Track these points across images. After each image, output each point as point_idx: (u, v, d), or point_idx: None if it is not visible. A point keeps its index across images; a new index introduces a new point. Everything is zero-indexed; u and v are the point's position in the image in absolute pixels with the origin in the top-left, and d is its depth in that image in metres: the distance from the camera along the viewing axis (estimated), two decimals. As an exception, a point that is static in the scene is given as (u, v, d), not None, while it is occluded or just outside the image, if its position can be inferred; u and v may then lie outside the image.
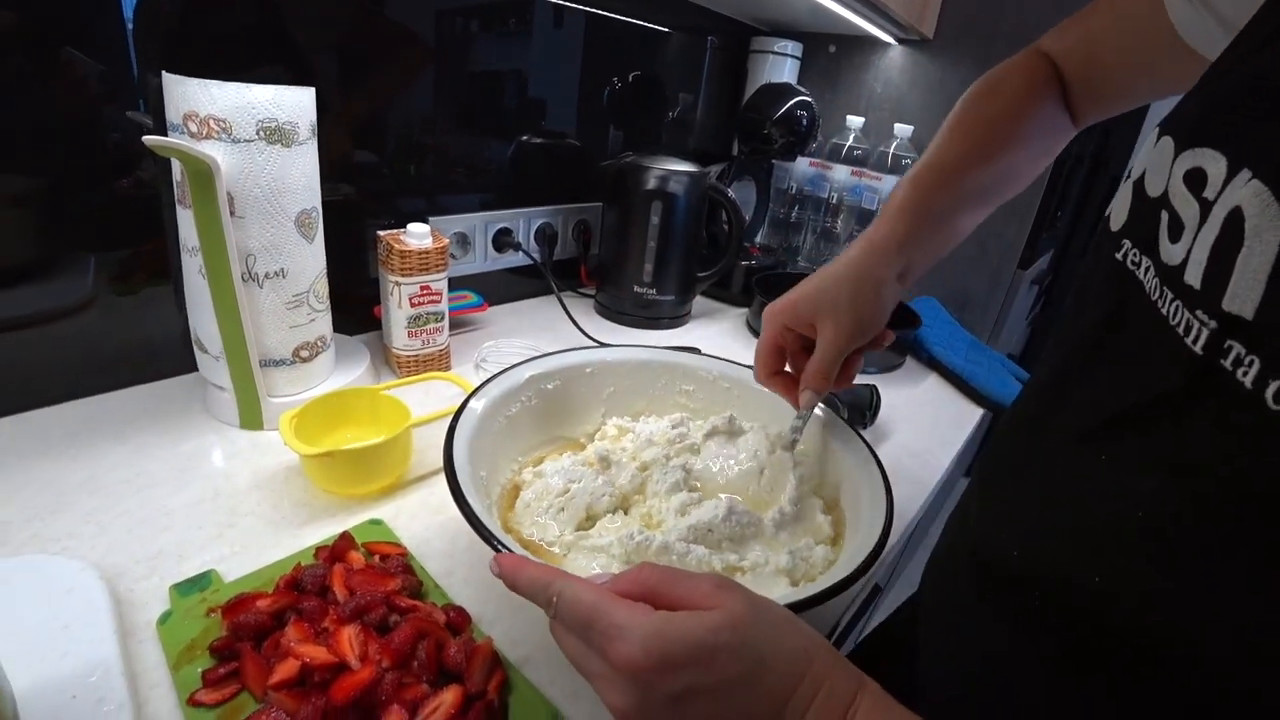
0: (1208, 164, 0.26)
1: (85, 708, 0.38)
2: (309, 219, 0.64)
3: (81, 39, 0.60)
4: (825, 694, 0.30)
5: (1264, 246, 0.22)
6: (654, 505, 0.54)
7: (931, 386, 0.99)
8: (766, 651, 0.30)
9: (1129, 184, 0.32)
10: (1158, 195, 0.29)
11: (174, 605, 0.46)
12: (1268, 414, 0.21)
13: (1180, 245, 0.26)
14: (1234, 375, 0.23)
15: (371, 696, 0.38)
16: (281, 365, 0.66)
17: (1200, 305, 0.24)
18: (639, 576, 0.33)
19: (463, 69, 0.90)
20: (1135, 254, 0.30)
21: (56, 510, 0.54)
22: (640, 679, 0.30)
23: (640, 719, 0.31)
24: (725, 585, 0.33)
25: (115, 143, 0.64)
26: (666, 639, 0.29)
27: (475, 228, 0.96)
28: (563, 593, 0.33)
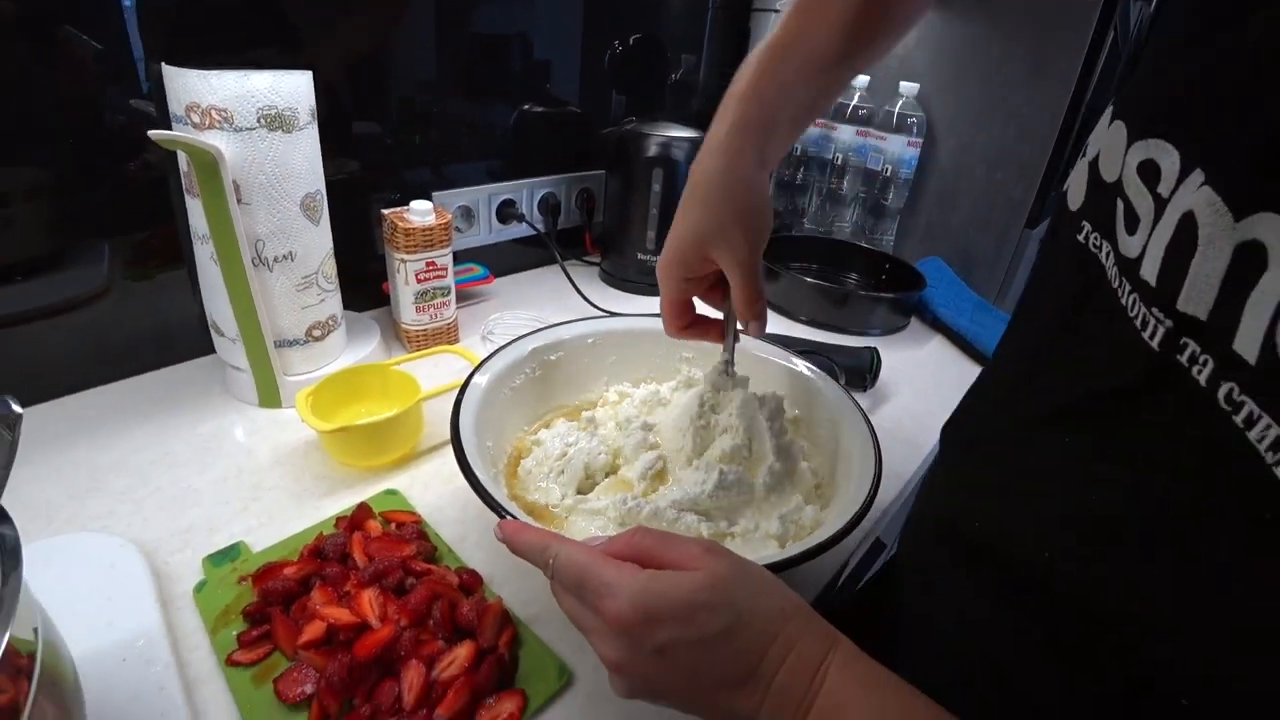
0: (1160, 157, 0.26)
1: (136, 669, 0.42)
2: (313, 202, 0.65)
3: (79, 18, 0.60)
4: (798, 652, 0.33)
5: (1216, 253, 0.22)
6: (625, 471, 0.56)
7: (935, 348, 1.00)
8: (744, 610, 0.33)
9: (1084, 163, 0.32)
10: (1112, 181, 0.29)
11: (207, 575, 0.50)
12: (1219, 414, 0.22)
13: (1137, 239, 0.27)
14: (1189, 372, 0.23)
15: (392, 652, 0.41)
16: (295, 345, 0.68)
17: (1156, 303, 0.25)
18: (632, 540, 0.36)
19: (464, 30, 0.89)
20: (1095, 237, 0.30)
21: (92, 490, 0.58)
22: (628, 632, 0.32)
23: (629, 669, 0.34)
24: (712, 549, 0.35)
25: (120, 125, 0.66)
26: (651, 595, 0.32)
27: (479, 200, 0.97)
28: (558, 555, 0.36)
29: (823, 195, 1.32)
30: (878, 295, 1.04)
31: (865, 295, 1.04)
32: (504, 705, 0.41)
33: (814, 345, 0.82)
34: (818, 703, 0.32)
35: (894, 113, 1.20)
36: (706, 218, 0.48)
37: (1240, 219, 0.22)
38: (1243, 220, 0.22)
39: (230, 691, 0.42)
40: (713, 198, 0.48)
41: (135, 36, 0.63)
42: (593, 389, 0.68)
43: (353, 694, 0.41)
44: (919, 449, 0.75)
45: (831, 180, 1.29)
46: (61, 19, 0.59)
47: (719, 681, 0.33)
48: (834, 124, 1.26)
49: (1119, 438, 0.27)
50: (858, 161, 1.24)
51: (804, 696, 0.32)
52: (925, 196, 1.27)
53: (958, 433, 0.43)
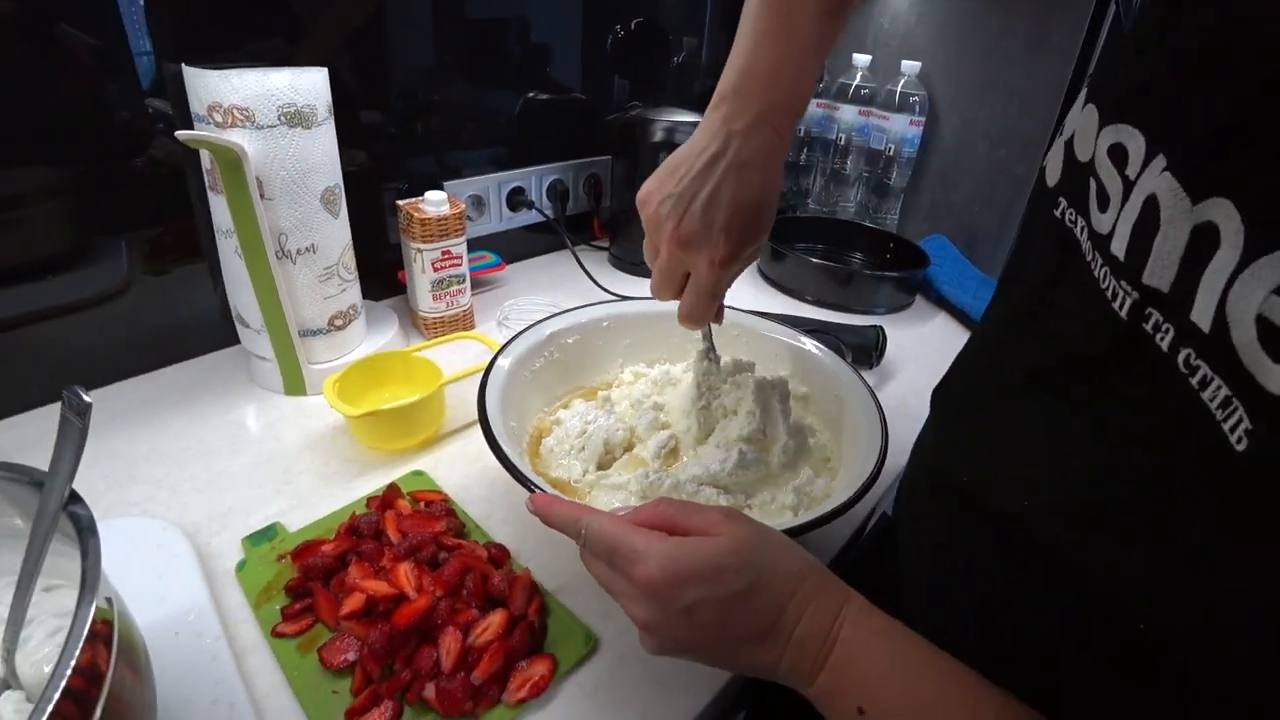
0: (1128, 141, 0.28)
1: (188, 641, 0.45)
2: (333, 195, 0.67)
3: (75, 16, 0.61)
4: (815, 607, 0.36)
5: (1176, 233, 0.25)
6: (639, 450, 0.58)
7: (940, 325, 1.01)
8: (764, 570, 0.36)
9: (1061, 142, 0.34)
10: (1086, 161, 0.31)
11: (247, 554, 0.52)
12: (1179, 376, 0.24)
13: (1107, 216, 0.29)
14: (1154, 339, 0.26)
15: (429, 621, 0.44)
16: (319, 334, 0.71)
17: (1124, 276, 0.27)
18: (656, 510, 0.38)
19: (463, 18, 0.90)
20: (1071, 212, 0.32)
21: (131, 477, 0.60)
22: (657, 594, 0.35)
23: (659, 628, 0.36)
24: (732, 515, 0.38)
25: (126, 123, 0.67)
26: (679, 560, 0.35)
27: (489, 189, 0.99)
28: (589, 525, 0.38)
29: (826, 176, 1.33)
30: (882, 274, 1.05)
31: (870, 274, 1.06)
32: (536, 668, 0.44)
33: (820, 324, 0.84)
34: (834, 652, 0.35)
35: (896, 92, 1.21)
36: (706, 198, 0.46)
37: (1197, 202, 0.24)
38: (1199, 204, 0.24)
39: (276, 660, 0.45)
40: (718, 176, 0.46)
41: (133, 32, 0.64)
42: (608, 370, 0.70)
43: (393, 660, 0.43)
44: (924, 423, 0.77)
45: (835, 160, 1.30)
46: (58, 17, 0.61)
47: (742, 637, 0.35)
48: (836, 104, 1.27)
49: (1092, 400, 0.29)
50: (860, 141, 1.25)
51: (821, 647, 0.35)
52: (928, 175, 1.28)
53: (945, 395, 0.45)
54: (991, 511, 0.35)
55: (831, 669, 0.35)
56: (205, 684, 0.43)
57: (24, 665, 0.35)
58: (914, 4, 1.27)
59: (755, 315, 0.71)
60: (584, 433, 0.58)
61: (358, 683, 0.43)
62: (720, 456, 0.54)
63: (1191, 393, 0.24)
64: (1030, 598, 0.33)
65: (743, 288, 1.07)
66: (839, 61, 1.30)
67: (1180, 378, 0.24)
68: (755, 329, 0.70)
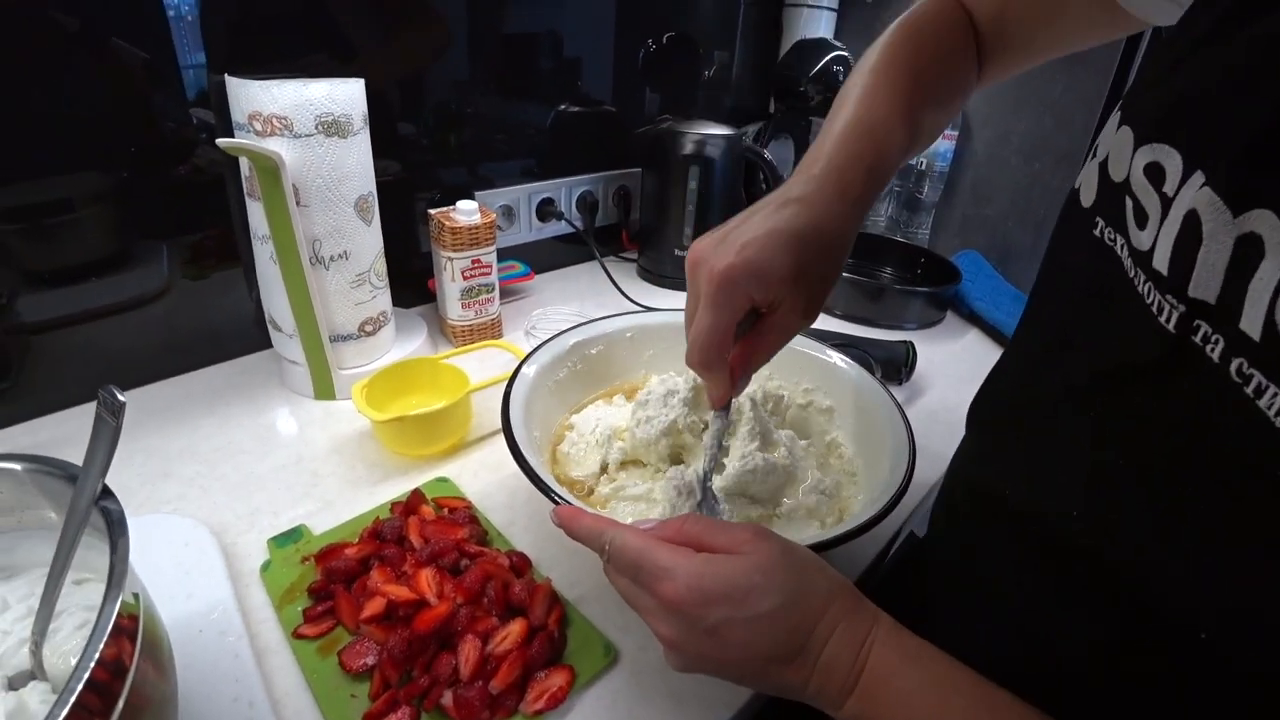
0: (1165, 160, 0.28)
1: (211, 639, 0.45)
2: (366, 203, 0.68)
3: (126, 30, 0.64)
4: (844, 628, 0.35)
5: (1219, 246, 0.25)
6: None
7: (972, 342, 1.00)
8: (793, 591, 0.35)
9: (1094, 164, 0.34)
10: (1120, 181, 0.31)
11: (272, 555, 0.53)
12: (1231, 385, 0.24)
13: (1147, 233, 0.29)
14: (1204, 350, 0.25)
15: (449, 627, 0.44)
16: (349, 340, 0.72)
17: (1169, 290, 0.27)
18: (683, 527, 0.38)
19: (497, 31, 0.92)
20: (1110, 231, 0.32)
21: (164, 475, 0.61)
22: (683, 612, 0.34)
23: (684, 647, 0.36)
24: (760, 533, 0.37)
25: (170, 132, 0.69)
26: (706, 578, 0.34)
27: (519, 199, 1.00)
28: (614, 540, 0.38)
29: (857, 190, 1.32)
30: (913, 289, 1.04)
31: (900, 289, 1.04)
32: (554, 679, 0.43)
33: (849, 339, 0.83)
34: (864, 675, 0.34)
35: (929, 106, 1.19)
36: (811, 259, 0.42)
37: (1238, 214, 0.24)
38: (1240, 216, 0.24)
39: (297, 661, 0.45)
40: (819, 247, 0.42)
41: (181, 47, 0.67)
42: (631, 381, 0.70)
43: (411, 665, 0.43)
44: (955, 439, 0.75)
45: (866, 175, 1.29)
46: (111, 32, 0.63)
47: (770, 657, 0.35)
48: (868, 118, 1.26)
49: (1139, 412, 0.29)
50: (892, 155, 1.24)
51: (850, 669, 0.34)
52: (960, 189, 1.26)
53: (983, 412, 0.45)
54: (1035, 528, 0.34)
55: (861, 692, 0.34)
56: (226, 682, 0.43)
57: (51, 657, 0.36)
58: (949, 18, 1.25)
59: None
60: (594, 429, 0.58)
61: (376, 687, 0.43)
62: (743, 467, 0.53)
63: (1246, 401, 0.23)
64: (1077, 615, 0.32)
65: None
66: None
67: (1234, 387, 0.24)
68: (783, 343, 0.69)
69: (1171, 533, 0.27)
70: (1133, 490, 0.29)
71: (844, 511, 0.54)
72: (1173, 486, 0.27)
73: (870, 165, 0.44)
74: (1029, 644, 0.35)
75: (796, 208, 0.42)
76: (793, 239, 0.41)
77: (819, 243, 0.42)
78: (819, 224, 0.42)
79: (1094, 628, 0.31)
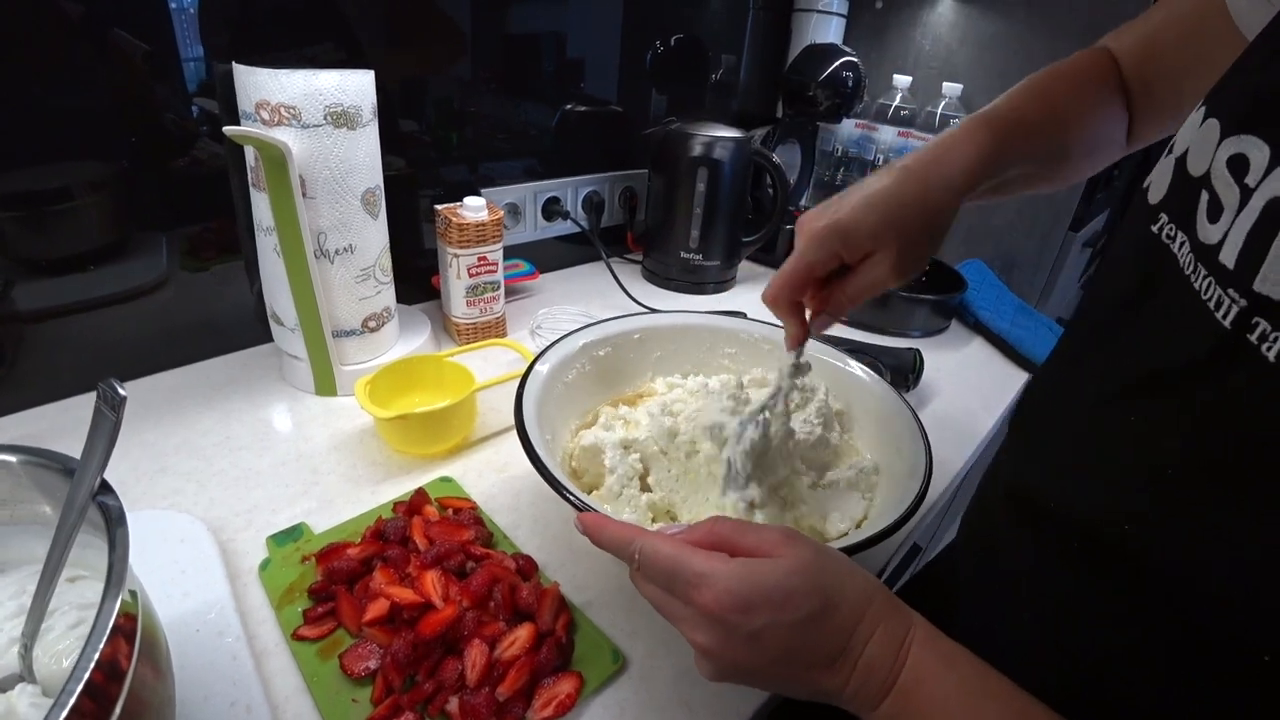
0: (1251, 151, 0.27)
1: (208, 639, 0.44)
2: (373, 196, 0.67)
3: (127, 21, 0.63)
4: (883, 630, 0.34)
5: None
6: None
7: (976, 350, 0.99)
8: (834, 593, 0.34)
9: (1170, 159, 0.33)
10: (1200, 175, 0.30)
11: (271, 554, 0.51)
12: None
13: (1218, 226, 0.28)
14: (1259, 349, 0.25)
15: (455, 631, 0.43)
16: (352, 335, 0.70)
17: (1232, 284, 0.26)
18: (713, 529, 0.37)
19: (502, 30, 0.91)
20: (1171, 228, 0.31)
21: (161, 471, 0.60)
22: (723, 619, 0.33)
23: (723, 655, 0.35)
24: (790, 535, 0.36)
25: (171, 123, 0.68)
26: (745, 584, 0.33)
27: (525, 198, 0.99)
28: (643, 548, 0.36)
29: (863, 196, 1.31)
30: (919, 297, 1.03)
31: (906, 297, 1.03)
32: (561, 686, 0.42)
33: (857, 345, 0.82)
34: (901, 677, 0.33)
35: (936, 113, 1.19)
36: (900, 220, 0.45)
37: None
38: None
39: (296, 664, 0.44)
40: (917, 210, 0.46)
41: (183, 38, 0.66)
42: (639, 384, 0.69)
43: (415, 670, 0.42)
44: (961, 448, 0.75)
45: (872, 181, 1.29)
46: (112, 22, 0.62)
47: (810, 661, 0.34)
48: (875, 124, 1.25)
49: (1188, 412, 0.28)
50: (899, 162, 1.24)
51: (889, 672, 0.33)
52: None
53: (1025, 416, 0.44)
54: (1076, 530, 0.33)
55: (897, 694, 0.33)
56: (224, 684, 0.42)
57: (43, 658, 0.34)
58: (956, 26, 1.25)
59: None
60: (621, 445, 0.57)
61: (378, 692, 0.41)
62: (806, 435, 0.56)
63: None
64: (1116, 620, 0.31)
65: (776, 306, 1.05)
66: (879, 83, 1.29)
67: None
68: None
69: (1220, 536, 0.26)
70: (1178, 493, 0.28)
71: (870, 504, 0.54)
72: (1219, 490, 0.26)
73: (983, 146, 0.47)
74: (1064, 650, 0.35)
75: (899, 174, 0.46)
76: (886, 198, 0.45)
77: (915, 204, 0.46)
78: (915, 187, 0.46)
79: (1133, 633, 0.31)
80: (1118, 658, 0.31)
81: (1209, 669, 0.27)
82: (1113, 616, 0.32)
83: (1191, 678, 0.28)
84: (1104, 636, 0.32)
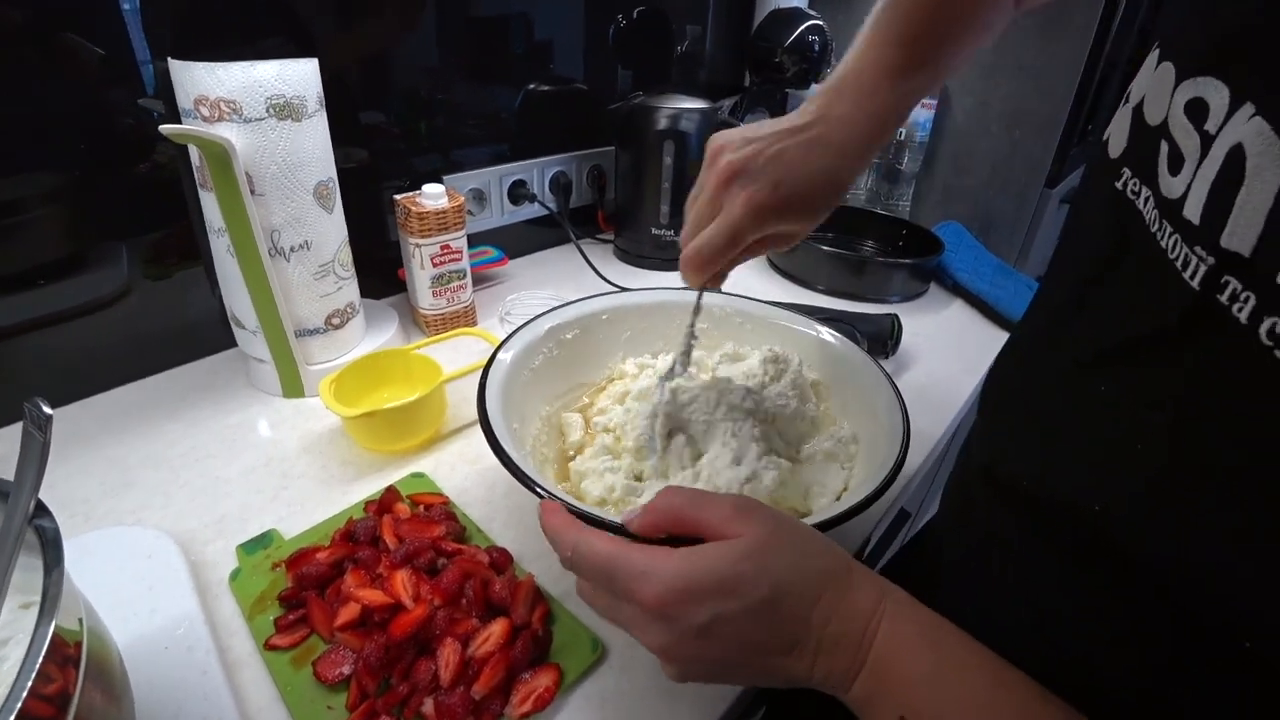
0: (1209, 94, 0.25)
1: (178, 655, 0.43)
2: (326, 190, 0.65)
3: (79, 25, 0.60)
4: (846, 606, 0.33)
5: (1264, 185, 0.22)
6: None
7: (956, 313, 0.98)
8: (785, 573, 0.32)
9: (1127, 109, 0.31)
10: (1157, 124, 0.28)
11: (241, 563, 0.50)
12: (1258, 349, 0.22)
13: (1180, 179, 0.26)
14: (1230, 310, 0.23)
15: (427, 631, 0.42)
16: (316, 334, 0.69)
17: (1199, 241, 0.24)
18: (662, 503, 0.36)
19: (463, 13, 0.88)
20: (1135, 183, 0.30)
21: (126, 485, 0.58)
22: (669, 615, 0.32)
23: (676, 652, 0.33)
24: (745, 509, 0.34)
25: (128, 128, 0.66)
26: (688, 574, 0.32)
27: (490, 182, 0.97)
28: (578, 546, 0.35)
29: (836, 162, 1.30)
30: (896, 261, 1.02)
31: (883, 262, 1.03)
32: (540, 680, 0.42)
33: (834, 313, 0.81)
34: (872, 654, 0.32)
35: (906, 74, 1.17)
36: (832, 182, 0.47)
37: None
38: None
39: (270, 674, 0.43)
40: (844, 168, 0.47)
41: (139, 39, 0.63)
42: (609, 365, 0.68)
43: (390, 673, 0.41)
44: (943, 413, 0.75)
45: (844, 147, 1.27)
46: (63, 26, 0.59)
47: (769, 649, 0.33)
48: (845, 89, 1.23)
49: (1161, 381, 0.26)
50: (871, 126, 1.22)
51: (857, 649, 0.32)
52: (941, 159, 1.25)
53: (995, 390, 0.43)
54: (1054, 508, 0.32)
55: (870, 672, 0.32)
56: (194, 700, 0.41)
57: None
58: (923, -17, 1.23)
59: (767, 304, 0.68)
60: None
61: (353, 698, 0.41)
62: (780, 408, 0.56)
63: (1277, 366, 0.21)
64: (1092, 599, 0.30)
65: (753, 278, 1.04)
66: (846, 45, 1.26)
67: (1262, 350, 0.21)
68: (767, 318, 0.67)
69: (1193, 513, 0.25)
70: (1146, 469, 0.27)
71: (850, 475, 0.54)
72: (1193, 463, 0.25)
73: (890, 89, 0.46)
74: (1049, 634, 0.33)
75: (822, 151, 0.46)
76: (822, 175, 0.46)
77: (829, 181, 0.46)
78: (839, 175, 0.47)
79: (1105, 611, 0.29)
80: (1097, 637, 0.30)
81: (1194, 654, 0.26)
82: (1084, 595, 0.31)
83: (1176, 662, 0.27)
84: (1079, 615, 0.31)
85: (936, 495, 1.32)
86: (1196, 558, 0.25)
